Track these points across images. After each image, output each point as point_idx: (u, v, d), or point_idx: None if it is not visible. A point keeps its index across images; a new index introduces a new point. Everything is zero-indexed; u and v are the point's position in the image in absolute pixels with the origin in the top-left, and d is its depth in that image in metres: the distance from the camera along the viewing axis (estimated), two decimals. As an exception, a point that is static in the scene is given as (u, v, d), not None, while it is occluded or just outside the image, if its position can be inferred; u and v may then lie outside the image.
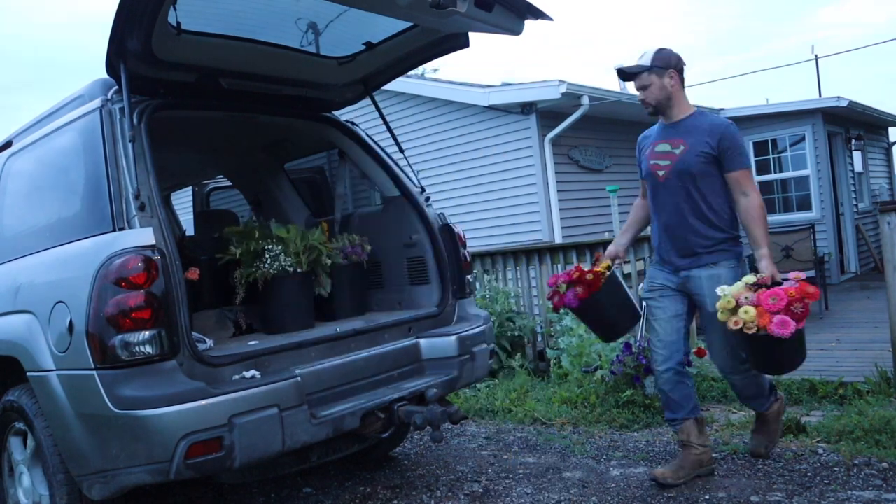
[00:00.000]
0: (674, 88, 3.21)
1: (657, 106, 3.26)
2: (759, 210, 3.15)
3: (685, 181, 3.20)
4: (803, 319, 2.84)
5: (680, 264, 3.29)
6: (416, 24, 3.12)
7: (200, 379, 2.46)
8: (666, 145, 3.26)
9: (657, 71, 3.19)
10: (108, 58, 2.65)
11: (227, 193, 6.69)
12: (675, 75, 3.21)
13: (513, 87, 8.13)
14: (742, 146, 3.20)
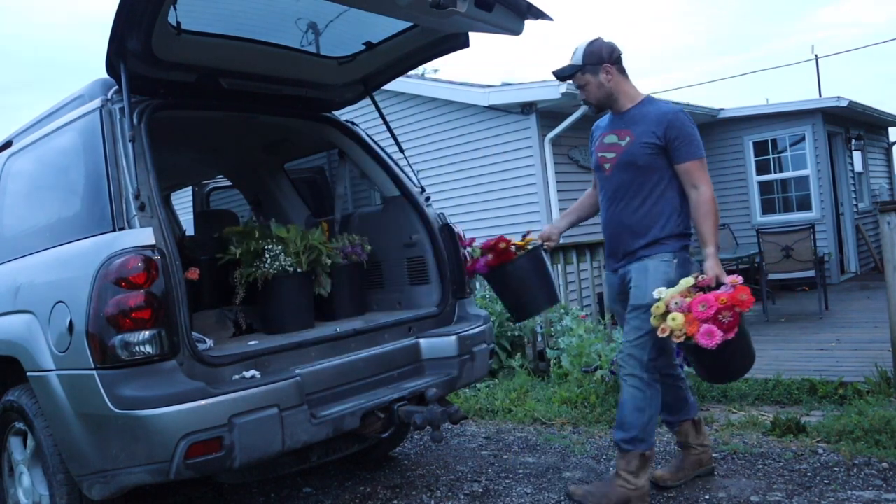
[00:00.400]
0: (612, 83, 3.01)
1: (598, 105, 3.10)
2: (709, 205, 2.93)
3: (631, 174, 3.01)
4: (732, 330, 2.62)
5: (617, 265, 3.14)
6: (416, 24, 3.12)
7: (200, 379, 2.46)
8: (613, 136, 3.08)
9: (590, 69, 3.00)
10: (108, 58, 2.65)
11: (227, 193, 6.69)
12: (610, 69, 2.99)
13: (513, 87, 8.13)
14: (692, 135, 2.96)
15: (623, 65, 3.06)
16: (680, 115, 2.97)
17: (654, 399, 3.00)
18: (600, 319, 5.81)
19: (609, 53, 3.00)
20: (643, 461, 2.99)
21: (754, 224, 10.02)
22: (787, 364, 5.15)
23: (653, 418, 3.00)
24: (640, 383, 2.98)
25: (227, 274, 3.40)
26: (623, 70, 3.05)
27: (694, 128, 2.98)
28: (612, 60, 3.00)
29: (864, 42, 61.61)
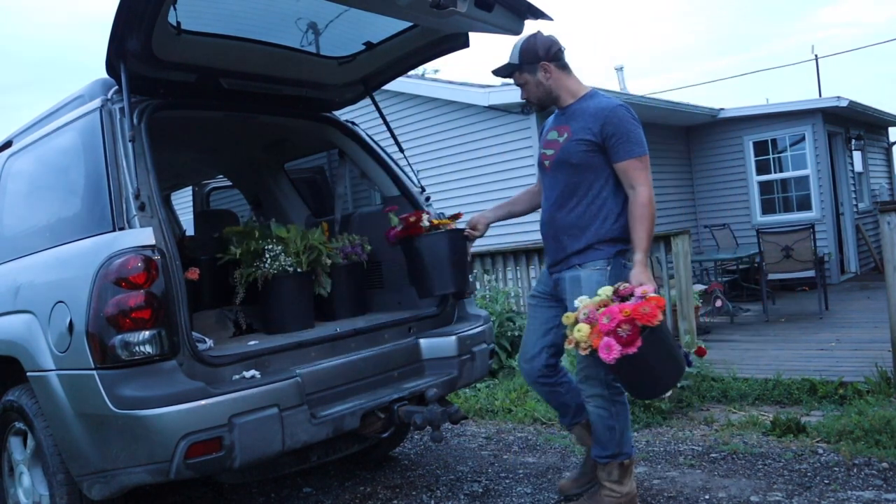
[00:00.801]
0: (551, 80, 2.87)
1: (539, 103, 2.96)
2: (644, 208, 2.74)
3: (566, 173, 2.86)
4: (631, 344, 2.43)
5: (552, 268, 3.00)
6: (416, 25, 3.12)
7: (200, 379, 2.46)
8: (554, 132, 2.93)
9: (528, 67, 2.87)
10: (108, 58, 2.65)
11: (227, 193, 6.69)
12: (548, 66, 2.85)
13: (513, 87, 8.11)
14: (631, 132, 2.76)
15: (564, 60, 2.91)
16: (618, 111, 2.78)
17: (622, 413, 2.90)
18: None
19: (546, 50, 2.85)
20: (622, 469, 2.93)
21: (754, 224, 10.02)
22: (787, 364, 5.15)
23: (625, 430, 2.91)
24: (603, 402, 2.89)
25: (227, 274, 3.40)
26: (564, 66, 2.90)
27: (634, 124, 2.79)
28: (549, 57, 2.85)
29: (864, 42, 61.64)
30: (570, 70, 2.93)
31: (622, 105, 2.81)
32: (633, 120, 2.79)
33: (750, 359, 5.54)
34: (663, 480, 3.39)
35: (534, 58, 2.85)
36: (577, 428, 3.18)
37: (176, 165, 4.87)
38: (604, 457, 2.92)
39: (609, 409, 2.88)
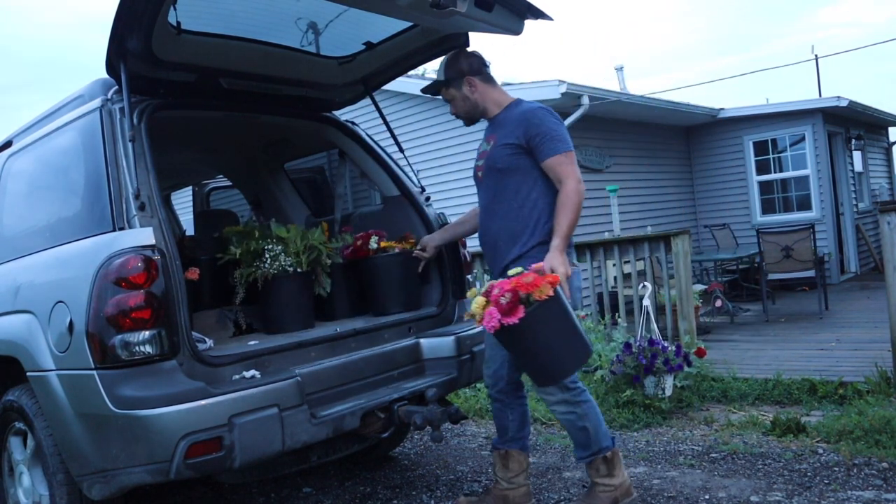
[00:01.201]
0: (477, 94, 2.95)
1: (467, 117, 3.03)
2: (570, 197, 2.75)
3: (495, 179, 2.89)
4: (511, 314, 2.42)
5: (496, 277, 2.93)
6: (416, 24, 3.12)
7: (200, 379, 2.46)
8: (484, 143, 3.00)
9: (454, 83, 2.97)
10: (108, 57, 2.65)
11: (227, 193, 6.70)
12: (473, 80, 2.94)
13: (513, 87, 8.12)
14: (553, 130, 2.79)
15: (488, 73, 3.00)
16: (538, 112, 2.84)
17: (589, 411, 2.87)
18: (600, 319, 5.80)
19: (469, 66, 2.95)
20: (607, 462, 2.92)
21: (754, 224, 10.03)
22: (787, 364, 5.16)
23: (597, 426, 2.89)
24: (567, 406, 2.87)
25: (227, 274, 3.40)
26: (488, 78, 2.99)
27: (556, 122, 2.84)
28: (473, 72, 2.95)
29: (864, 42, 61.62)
30: (494, 82, 3.00)
31: (543, 107, 2.88)
32: (554, 119, 2.85)
33: (750, 359, 5.54)
34: (663, 480, 3.39)
35: (458, 73, 2.94)
36: (500, 453, 3.07)
37: (176, 165, 4.87)
38: (586, 456, 2.94)
39: (575, 411, 2.87)
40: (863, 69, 54.85)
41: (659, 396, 4.39)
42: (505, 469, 3.05)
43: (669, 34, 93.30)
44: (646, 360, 4.34)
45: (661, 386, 4.39)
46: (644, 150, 9.78)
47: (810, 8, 75.76)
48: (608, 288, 6.39)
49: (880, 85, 53.28)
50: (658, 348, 4.40)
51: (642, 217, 9.33)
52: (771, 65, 64.97)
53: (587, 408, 2.88)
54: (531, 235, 2.84)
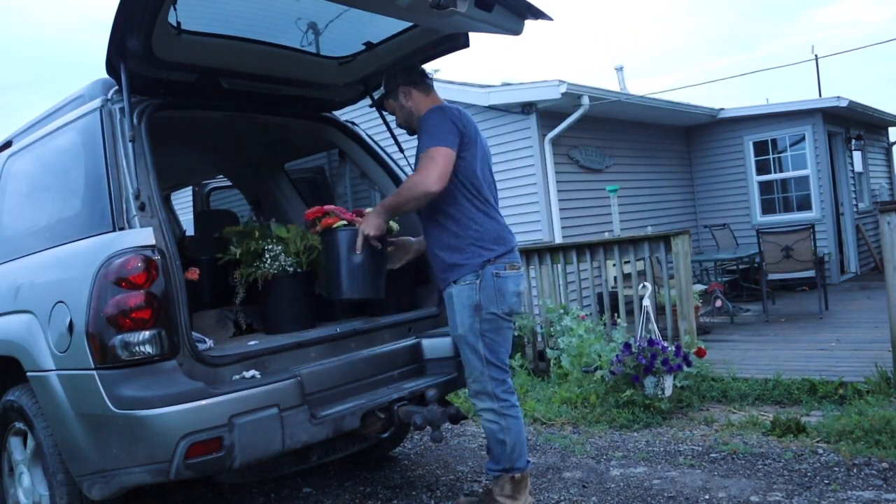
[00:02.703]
0: (411, 103, 2.98)
1: (408, 126, 3.04)
2: (406, 184, 2.81)
3: None
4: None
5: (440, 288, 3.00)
6: (417, 25, 3.12)
7: (200, 379, 2.46)
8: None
9: (392, 94, 3.02)
10: (109, 57, 2.65)
11: (227, 193, 6.70)
12: (407, 90, 2.98)
13: (513, 87, 8.12)
14: (430, 126, 2.78)
15: (425, 82, 3.02)
16: (428, 112, 2.86)
17: (513, 427, 2.89)
18: (600, 319, 5.81)
19: (405, 77, 3.00)
20: (514, 483, 2.93)
21: (754, 224, 10.02)
22: (787, 364, 5.15)
23: (516, 444, 2.90)
24: (494, 416, 2.89)
25: (227, 274, 3.40)
26: (425, 88, 3.01)
27: (437, 120, 2.80)
28: (407, 82, 2.99)
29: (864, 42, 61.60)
30: (429, 91, 3.02)
31: (437, 108, 2.87)
32: (436, 117, 2.81)
33: (750, 359, 5.54)
34: (663, 480, 3.39)
35: (395, 84, 3.00)
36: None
37: (176, 165, 4.87)
38: (496, 470, 2.94)
39: (499, 423, 2.88)
40: (863, 69, 54.79)
41: (659, 396, 4.39)
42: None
43: (669, 34, 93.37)
44: (645, 361, 4.34)
45: (660, 386, 4.39)
46: (644, 150, 9.78)
47: (810, 8, 75.81)
48: (608, 288, 6.39)
49: (880, 85, 53.29)
50: (658, 348, 4.40)
51: (642, 217, 9.33)
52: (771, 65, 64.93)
53: (512, 423, 2.89)
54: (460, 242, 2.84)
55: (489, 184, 2.99)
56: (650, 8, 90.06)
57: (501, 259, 2.86)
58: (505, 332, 2.90)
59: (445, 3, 2.64)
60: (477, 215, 2.86)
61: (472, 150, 2.89)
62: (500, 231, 2.91)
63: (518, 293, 2.90)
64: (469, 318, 2.83)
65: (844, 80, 46.94)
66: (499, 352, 2.87)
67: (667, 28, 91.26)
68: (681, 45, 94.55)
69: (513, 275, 2.88)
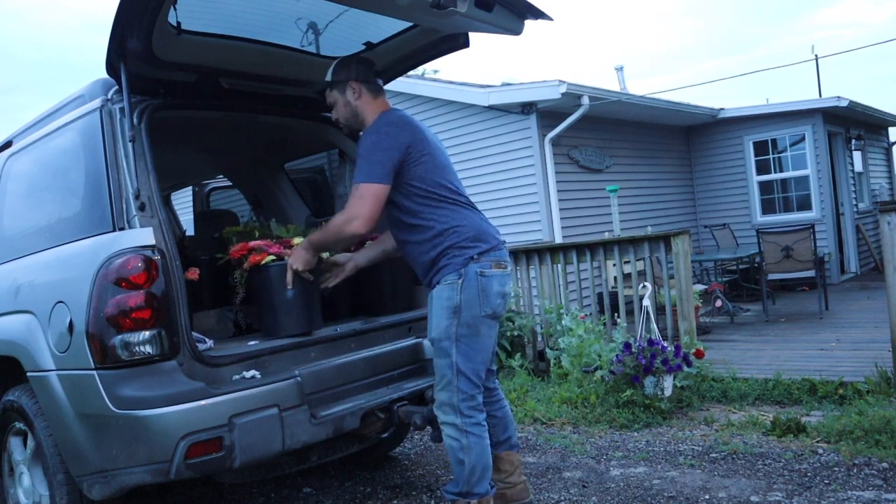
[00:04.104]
0: (358, 101, 2.78)
1: (347, 124, 2.85)
2: (332, 222, 2.67)
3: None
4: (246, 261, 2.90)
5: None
6: (417, 25, 3.12)
7: (200, 379, 2.46)
8: None
9: (338, 86, 2.80)
10: (109, 58, 2.65)
11: (227, 193, 6.69)
12: (357, 87, 2.77)
13: (513, 87, 8.13)
14: (363, 150, 2.61)
15: (377, 83, 2.84)
16: (367, 130, 2.68)
17: (474, 446, 2.65)
18: (600, 319, 5.81)
19: (357, 70, 2.80)
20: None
21: (754, 224, 10.03)
22: (787, 364, 5.15)
23: (477, 466, 2.66)
24: (454, 431, 2.67)
25: (227, 274, 3.39)
26: (374, 89, 2.83)
27: (373, 142, 2.61)
28: (359, 78, 2.78)
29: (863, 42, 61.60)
30: (380, 93, 2.85)
31: (378, 125, 2.67)
32: (373, 138, 2.62)
33: (750, 359, 5.54)
34: (663, 480, 3.39)
35: (344, 77, 2.80)
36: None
37: (176, 165, 4.86)
38: (454, 493, 2.73)
39: (460, 440, 2.66)
40: (863, 69, 54.84)
41: (659, 396, 4.39)
42: (498, 471, 2.94)
43: (670, 34, 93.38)
44: (645, 361, 4.34)
45: (660, 386, 4.39)
46: (644, 150, 9.78)
47: (810, 8, 75.83)
48: (608, 288, 6.39)
49: (880, 85, 53.28)
50: (658, 348, 4.40)
51: (642, 217, 9.33)
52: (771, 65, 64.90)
53: (474, 442, 2.66)
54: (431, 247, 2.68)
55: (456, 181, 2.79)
56: (650, 8, 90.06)
57: (486, 256, 2.66)
58: (483, 340, 2.67)
59: (445, 3, 2.64)
60: (450, 217, 2.67)
61: (428, 150, 2.70)
62: (480, 227, 2.71)
63: (503, 294, 2.70)
64: (446, 321, 2.62)
65: (844, 80, 47.03)
66: (474, 361, 2.64)
67: (667, 28, 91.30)
68: (681, 45, 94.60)
69: (498, 274, 2.68)
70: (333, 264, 3.07)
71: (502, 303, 2.71)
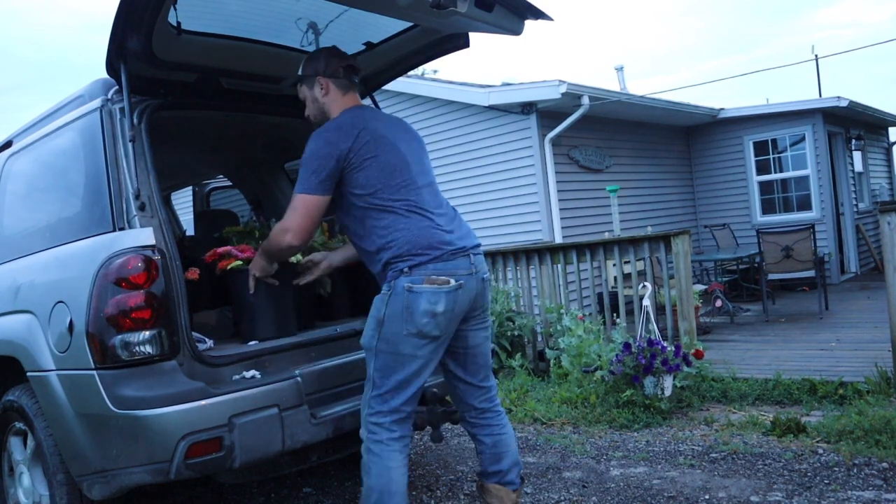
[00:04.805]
0: (326, 98, 2.66)
1: (316, 122, 2.69)
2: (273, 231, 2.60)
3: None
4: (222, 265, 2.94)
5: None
6: (417, 25, 3.12)
7: (200, 379, 2.46)
8: None
9: (307, 81, 2.69)
10: (109, 58, 2.65)
11: (227, 193, 6.68)
12: (325, 82, 2.64)
13: (513, 87, 8.13)
14: (304, 160, 2.47)
15: (347, 79, 2.69)
16: (312, 135, 2.51)
17: (373, 466, 2.45)
18: (600, 320, 5.81)
19: (326, 65, 2.65)
20: None
21: (754, 224, 10.03)
22: (787, 364, 5.16)
23: (372, 492, 2.45)
24: (364, 448, 2.49)
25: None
26: (344, 85, 2.67)
27: (314, 148, 2.48)
28: (328, 73, 2.64)
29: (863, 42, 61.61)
30: (349, 89, 2.69)
31: (322, 129, 2.52)
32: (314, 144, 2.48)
33: (750, 359, 5.54)
34: (663, 480, 3.39)
35: (313, 71, 2.67)
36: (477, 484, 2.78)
37: (176, 165, 4.86)
38: None
39: (364, 458, 2.48)
40: (863, 69, 54.87)
41: (659, 396, 4.39)
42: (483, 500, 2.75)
43: (670, 34, 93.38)
44: (645, 361, 4.34)
45: (660, 386, 4.39)
46: (644, 150, 9.78)
47: (810, 8, 75.82)
48: (608, 288, 6.39)
49: (880, 85, 53.31)
50: (657, 348, 4.40)
51: (642, 217, 9.34)
52: (771, 65, 64.92)
53: (373, 463, 2.45)
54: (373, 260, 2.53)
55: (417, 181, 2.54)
56: (650, 8, 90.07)
57: (420, 269, 2.39)
58: (404, 360, 2.42)
59: (445, 4, 2.64)
60: (390, 228, 2.45)
61: (375, 152, 2.48)
62: (422, 235, 2.43)
63: (433, 314, 2.38)
64: (370, 331, 2.47)
65: (844, 80, 47.05)
66: (390, 379, 2.43)
67: (667, 28, 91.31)
68: (681, 45, 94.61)
69: (429, 291, 2.37)
70: (309, 263, 3.04)
71: (432, 323, 2.39)
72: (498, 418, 2.75)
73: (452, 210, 2.65)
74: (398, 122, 2.75)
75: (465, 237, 2.54)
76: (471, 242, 2.55)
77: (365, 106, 2.72)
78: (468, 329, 2.63)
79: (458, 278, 2.43)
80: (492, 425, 2.73)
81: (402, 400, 2.47)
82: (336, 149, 2.45)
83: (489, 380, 2.76)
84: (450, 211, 2.61)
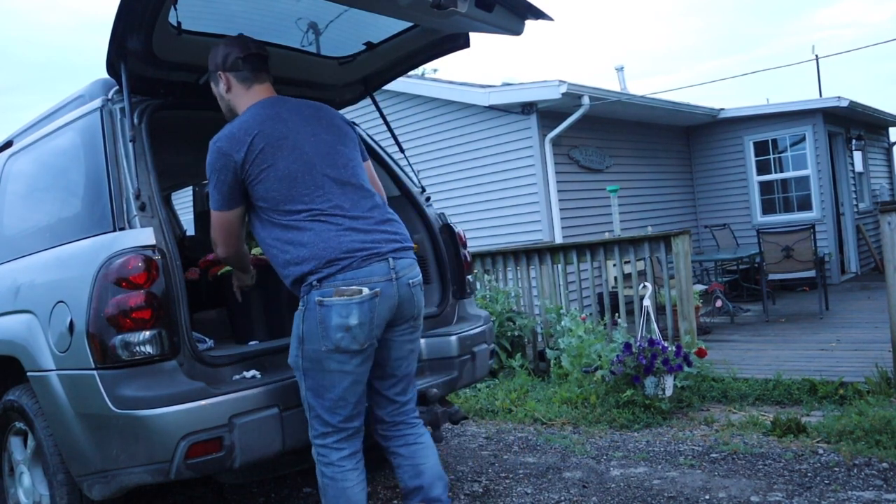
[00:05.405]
0: (230, 94, 2.48)
1: (228, 119, 2.50)
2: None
3: None
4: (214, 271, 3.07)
5: None
6: (417, 25, 3.12)
7: (200, 379, 2.46)
8: None
9: (212, 77, 2.53)
10: (109, 58, 2.65)
11: (227, 193, 6.66)
12: (227, 77, 2.46)
13: (513, 87, 8.13)
14: (206, 173, 2.36)
15: (248, 71, 2.46)
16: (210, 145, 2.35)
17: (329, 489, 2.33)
18: (600, 320, 5.81)
19: (224, 58, 2.44)
20: None
21: (755, 224, 10.03)
22: (787, 364, 5.16)
23: None
24: (317, 472, 2.39)
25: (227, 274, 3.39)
26: (246, 78, 2.46)
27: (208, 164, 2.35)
28: (227, 67, 2.45)
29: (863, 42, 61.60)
30: (253, 83, 2.47)
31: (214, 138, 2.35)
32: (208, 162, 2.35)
33: (750, 359, 5.54)
34: (663, 480, 3.39)
35: (213, 66, 2.49)
36: None
37: (176, 165, 4.86)
38: None
39: (318, 479, 2.38)
40: (863, 69, 54.88)
41: (659, 397, 4.39)
42: None
43: (670, 34, 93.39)
44: (646, 361, 4.34)
45: (661, 386, 4.39)
46: (644, 150, 9.79)
47: (810, 8, 75.85)
48: (608, 288, 6.39)
49: (880, 85, 53.31)
50: (658, 348, 4.40)
51: (643, 217, 9.34)
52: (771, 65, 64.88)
53: (328, 486, 2.34)
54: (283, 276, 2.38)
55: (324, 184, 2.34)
56: (650, 8, 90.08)
57: (329, 281, 2.23)
58: (333, 377, 2.27)
59: (445, 4, 2.64)
60: (293, 242, 2.29)
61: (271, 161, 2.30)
62: (334, 245, 2.25)
63: (347, 328, 2.22)
64: (294, 350, 2.33)
65: (845, 80, 47.06)
66: (324, 398, 2.29)
67: (667, 28, 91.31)
68: (681, 45, 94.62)
69: (339, 303, 2.21)
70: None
71: (348, 336, 2.23)
72: (413, 429, 2.55)
73: (380, 206, 2.43)
74: (309, 110, 2.51)
75: (386, 240, 2.33)
76: (391, 246, 2.33)
77: (269, 100, 2.46)
78: (393, 338, 2.42)
79: (373, 286, 2.25)
80: (406, 435, 2.53)
81: (342, 417, 2.32)
82: (230, 160, 2.30)
83: (406, 394, 2.53)
84: (374, 208, 2.39)
